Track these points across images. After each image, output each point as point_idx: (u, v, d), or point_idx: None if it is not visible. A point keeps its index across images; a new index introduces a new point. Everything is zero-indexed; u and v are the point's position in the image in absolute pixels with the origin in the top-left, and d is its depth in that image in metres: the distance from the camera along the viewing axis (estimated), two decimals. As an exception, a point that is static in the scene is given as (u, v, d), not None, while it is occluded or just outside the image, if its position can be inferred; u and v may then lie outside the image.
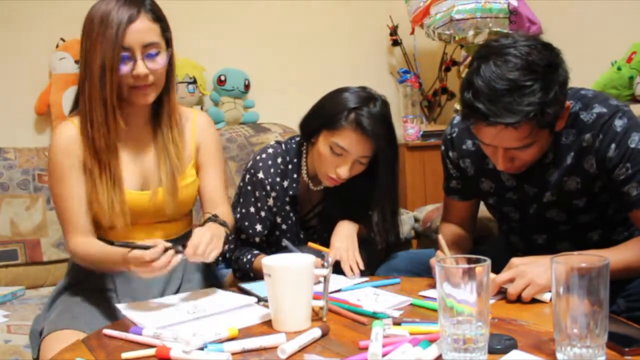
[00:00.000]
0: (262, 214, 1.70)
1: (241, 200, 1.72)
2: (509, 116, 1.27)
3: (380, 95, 1.65)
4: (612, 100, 1.42)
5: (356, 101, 1.60)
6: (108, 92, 1.40)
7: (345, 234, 1.65)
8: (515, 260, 1.32)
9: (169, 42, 1.48)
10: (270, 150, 1.73)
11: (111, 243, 1.33)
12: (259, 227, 1.71)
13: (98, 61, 1.38)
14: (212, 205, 1.59)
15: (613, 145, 1.36)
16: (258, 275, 1.62)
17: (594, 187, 1.44)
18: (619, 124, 1.36)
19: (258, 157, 1.72)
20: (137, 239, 1.45)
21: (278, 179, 1.70)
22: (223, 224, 1.47)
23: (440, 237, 1.45)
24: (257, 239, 1.72)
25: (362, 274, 1.56)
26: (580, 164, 1.42)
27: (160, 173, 1.51)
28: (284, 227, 1.75)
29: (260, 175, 1.69)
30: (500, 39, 1.36)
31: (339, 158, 1.61)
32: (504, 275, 1.30)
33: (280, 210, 1.73)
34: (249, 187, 1.71)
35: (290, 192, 1.72)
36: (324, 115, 1.64)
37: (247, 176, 1.71)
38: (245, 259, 1.68)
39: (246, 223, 1.71)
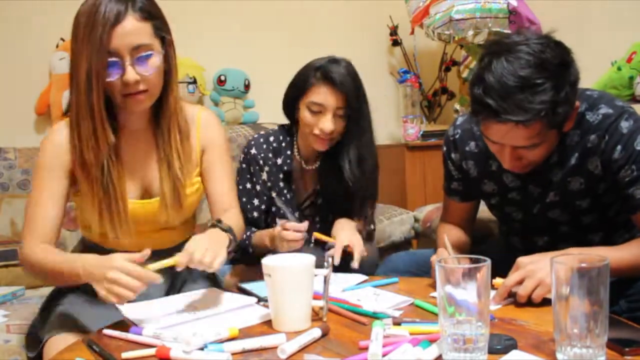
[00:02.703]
0: (258, 187, 1.79)
1: (238, 178, 1.80)
2: (520, 113, 1.25)
3: (344, 59, 1.74)
4: (618, 101, 1.40)
5: (321, 62, 1.71)
6: (95, 100, 1.28)
7: (347, 227, 1.69)
8: (522, 260, 1.29)
9: (164, 42, 1.36)
10: (263, 132, 1.85)
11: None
12: (256, 202, 1.79)
13: (84, 66, 1.27)
14: (221, 209, 1.53)
15: (619, 147, 1.35)
16: (257, 251, 1.71)
17: (597, 188, 1.43)
18: (625, 125, 1.35)
19: (251, 138, 1.83)
20: (130, 247, 1.41)
21: (270, 155, 1.79)
22: (227, 230, 1.39)
23: (445, 236, 1.44)
24: (255, 214, 1.79)
25: (363, 273, 1.56)
26: (584, 164, 1.41)
27: (162, 185, 1.44)
28: (279, 203, 1.79)
29: (253, 150, 1.79)
30: (511, 36, 1.33)
31: (319, 115, 1.69)
32: (513, 277, 1.27)
33: (275, 185, 1.80)
34: (244, 165, 1.81)
35: (285, 168, 1.79)
36: (296, 86, 1.74)
37: (242, 156, 1.83)
38: (244, 236, 1.73)
39: (244, 199, 1.78)
